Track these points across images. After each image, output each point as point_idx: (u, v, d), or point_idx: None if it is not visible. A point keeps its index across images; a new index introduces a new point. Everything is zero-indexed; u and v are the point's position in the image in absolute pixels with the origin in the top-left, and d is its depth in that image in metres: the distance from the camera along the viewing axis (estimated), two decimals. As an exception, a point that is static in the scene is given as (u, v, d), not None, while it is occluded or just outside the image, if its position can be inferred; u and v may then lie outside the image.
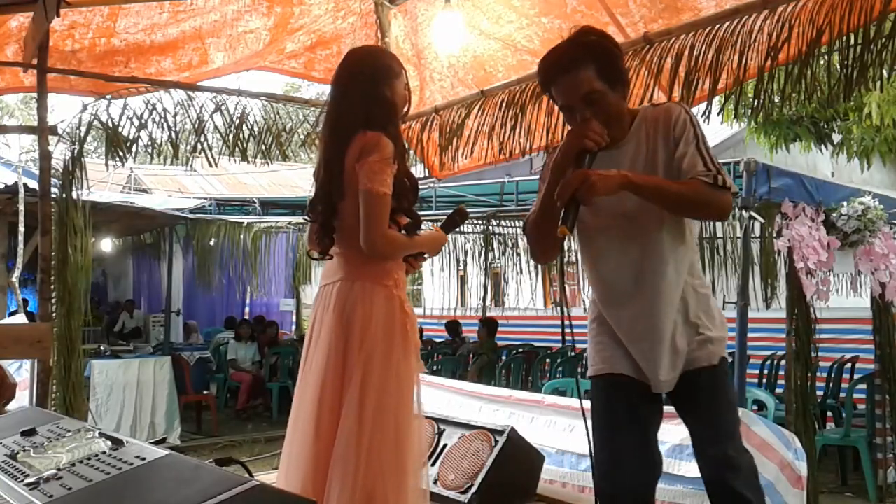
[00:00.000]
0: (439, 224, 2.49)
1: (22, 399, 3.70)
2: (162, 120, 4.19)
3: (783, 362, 5.10)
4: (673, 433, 3.75)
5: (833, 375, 6.43)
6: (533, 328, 11.12)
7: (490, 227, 10.13)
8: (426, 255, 2.44)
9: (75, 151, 4.19)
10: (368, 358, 2.16)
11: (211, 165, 4.52)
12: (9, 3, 3.34)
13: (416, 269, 2.54)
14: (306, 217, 2.38)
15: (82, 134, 4.15)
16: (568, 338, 10.01)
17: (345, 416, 2.14)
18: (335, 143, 2.26)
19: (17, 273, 6.34)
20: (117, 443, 1.56)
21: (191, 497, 1.19)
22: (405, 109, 2.40)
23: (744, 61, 2.90)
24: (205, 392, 8.47)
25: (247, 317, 11.51)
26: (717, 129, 9.03)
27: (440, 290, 11.46)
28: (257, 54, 4.31)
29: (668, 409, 2.13)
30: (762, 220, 4.53)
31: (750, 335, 4.50)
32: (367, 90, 2.26)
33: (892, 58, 2.49)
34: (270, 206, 10.31)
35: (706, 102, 3.09)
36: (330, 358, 2.20)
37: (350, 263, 2.26)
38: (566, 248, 9.87)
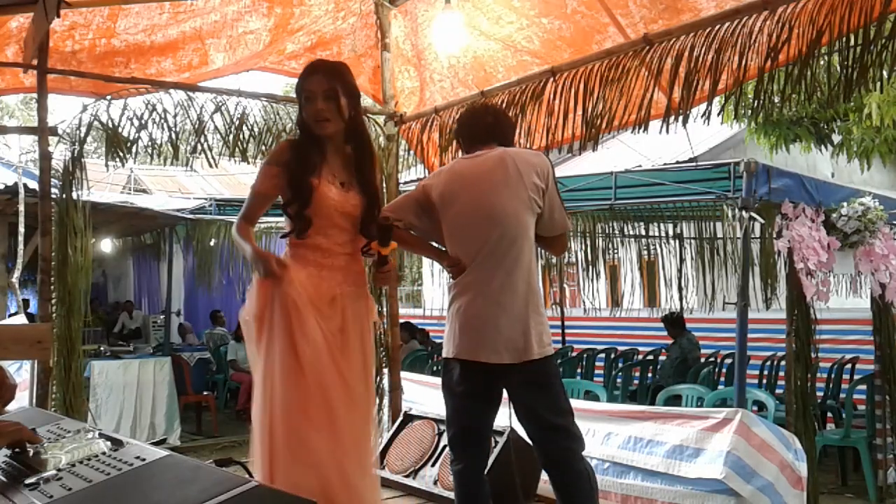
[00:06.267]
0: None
1: (22, 400, 3.70)
2: (162, 120, 4.18)
3: (783, 363, 5.09)
4: (673, 433, 3.75)
5: (833, 376, 6.43)
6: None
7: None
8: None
9: (75, 152, 4.18)
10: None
11: (211, 166, 4.51)
12: (9, 3, 3.34)
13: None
14: None
15: (82, 134, 4.14)
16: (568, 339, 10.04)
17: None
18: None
19: (17, 274, 6.31)
20: (117, 443, 1.56)
21: (191, 497, 1.19)
22: None
23: (744, 62, 2.90)
24: (205, 392, 8.47)
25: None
26: (717, 129, 9.03)
27: (440, 291, 11.44)
28: (257, 55, 4.31)
29: (669, 409, 2.13)
30: (762, 221, 4.53)
31: (750, 336, 4.50)
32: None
33: (892, 59, 2.49)
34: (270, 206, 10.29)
35: (706, 103, 3.08)
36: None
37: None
38: (570, 247, 9.86)
